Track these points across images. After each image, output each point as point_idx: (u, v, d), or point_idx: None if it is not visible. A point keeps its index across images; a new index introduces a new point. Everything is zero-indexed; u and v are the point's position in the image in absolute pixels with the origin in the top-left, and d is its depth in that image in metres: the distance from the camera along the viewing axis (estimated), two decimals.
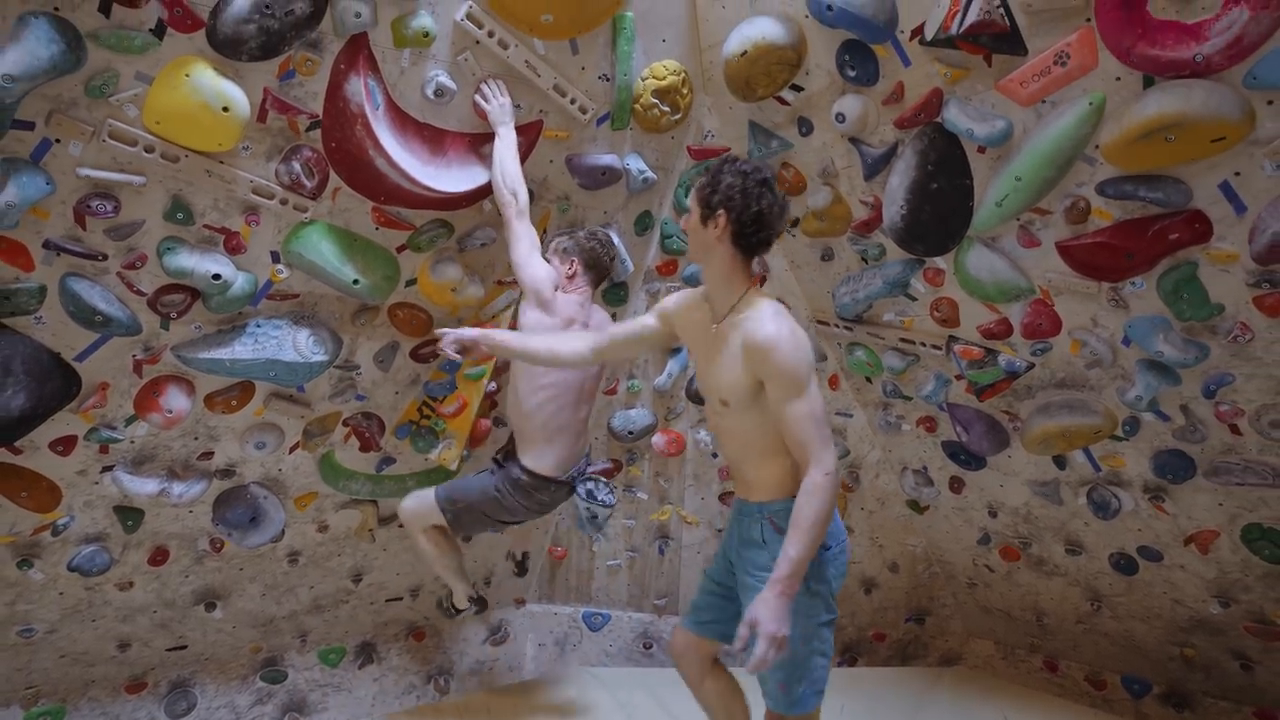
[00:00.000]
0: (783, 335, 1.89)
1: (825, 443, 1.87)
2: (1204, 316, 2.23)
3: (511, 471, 2.67)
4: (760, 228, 1.95)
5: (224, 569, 2.90)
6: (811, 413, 1.88)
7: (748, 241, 1.96)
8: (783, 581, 1.81)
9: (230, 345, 2.45)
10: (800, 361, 1.90)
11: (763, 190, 1.93)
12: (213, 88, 2.05)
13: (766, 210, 1.93)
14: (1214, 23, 1.84)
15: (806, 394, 1.89)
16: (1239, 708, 2.95)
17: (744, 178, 1.93)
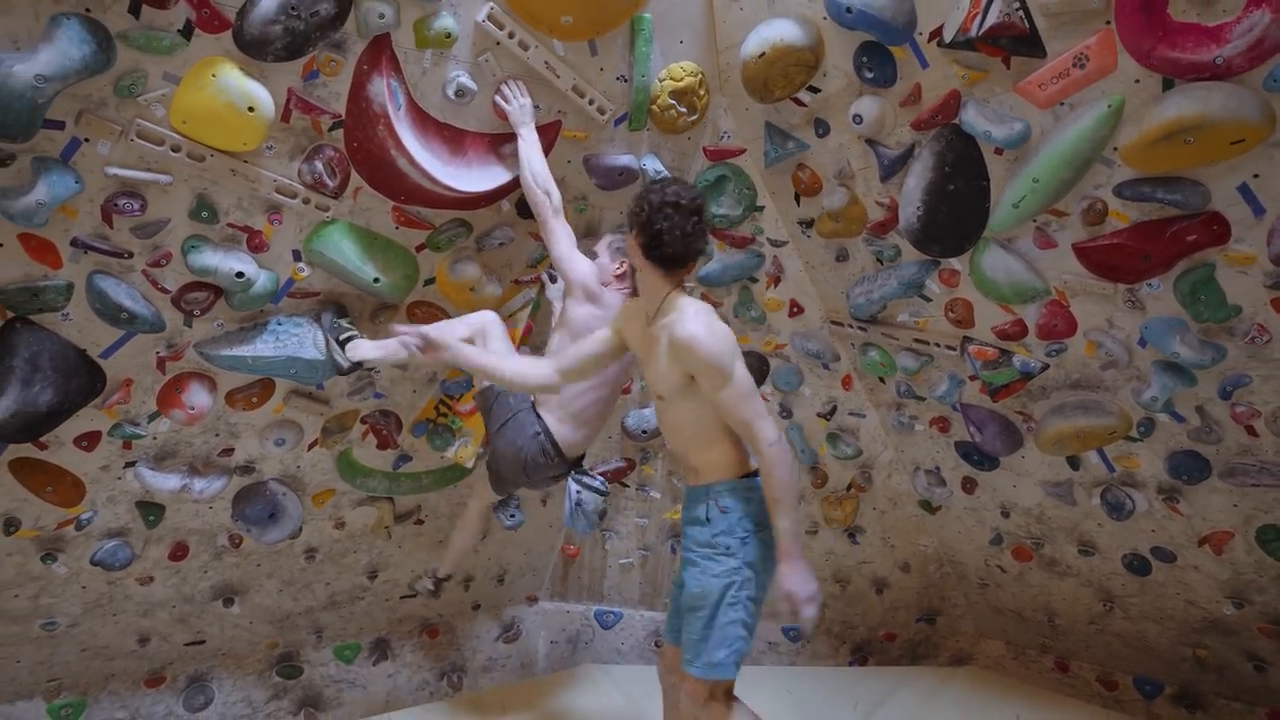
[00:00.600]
0: (700, 331, 2.05)
1: (761, 415, 2.05)
2: (1221, 318, 2.24)
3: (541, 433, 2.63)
4: (658, 246, 2.09)
5: (242, 565, 2.93)
6: (741, 394, 2.05)
7: (651, 256, 2.12)
8: (789, 551, 2.03)
9: (252, 343, 2.48)
10: (721, 352, 2.05)
11: (668, 213, 2.07)
12: (239, 88, 2.08)
13: (666, 232, 2.07)
14: (1235, 25, 1.85)
15: (733, 379, 2.05)
16: (1252, 709, 2.95)
17: (659, 196, 2.10)
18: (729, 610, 2.11)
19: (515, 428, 2.61)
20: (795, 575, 2.01)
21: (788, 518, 2.03)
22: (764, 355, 3.38)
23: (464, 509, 3.17)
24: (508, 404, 2.62)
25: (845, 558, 3.66)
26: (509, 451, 2.61)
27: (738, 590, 2.11)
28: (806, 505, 3.59)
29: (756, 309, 3.28)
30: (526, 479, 2.69)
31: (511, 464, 2.63)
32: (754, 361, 3.36)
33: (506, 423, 2.61)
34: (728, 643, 2.11)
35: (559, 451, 2.63)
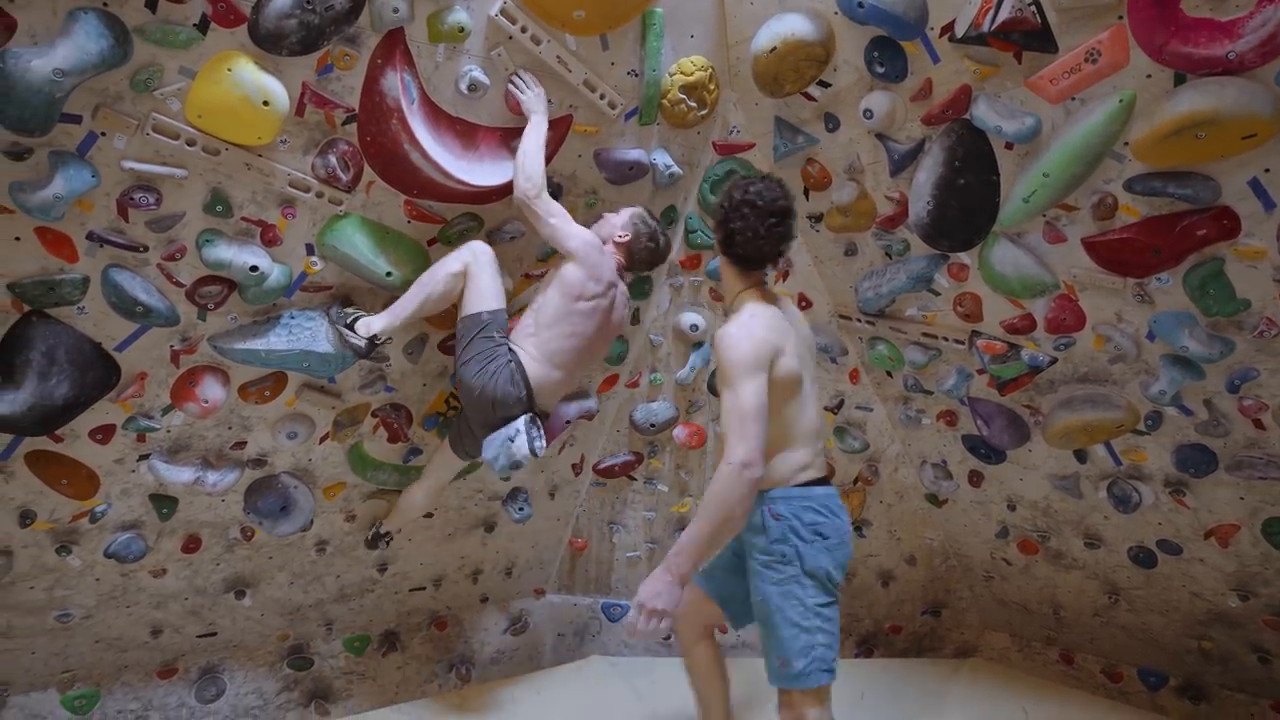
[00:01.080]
0: (728, 334, 2.07)
1: (741, 436, 1.97)
2: (1230, 312, 2.25)
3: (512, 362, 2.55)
4: (732, 244, 2.15)
5: (254, 557, 2.94)
6: (733, 408, 2.00)
7: (728, 253, 2.19)
8: (668, 560, 2.00)
9: (265, 336, 2.49)
10: (733, 359, 2.02)
11: (745, 212, 2.11)
12: (254, 82, 2.09)
13: (739, 231, 2.12)
14: (1247, 20, 1.86)
15: (734, 388, 2.01)
16: (1256, 701, 2.97)
17: (740, 193, 2.13)
18: (792, 621, 2.08)
19: (488, 359, 2.51)
20: (649, 583, 1.99)
21: (692, 531, 1.99)
22: None
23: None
24: (491, 337, 2.54)
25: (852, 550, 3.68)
26: (476, 384, 2.50)
27: (798, 598, 2.09)
28: None
29: None
30: (492, 414, 2.54)
31: (478, 399, 2.53)
32: None
33: (481, 352, 2.52)
34: (803, 652, 2.08)
35: (528, 385, 2.54)
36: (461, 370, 2.54)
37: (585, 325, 2.62)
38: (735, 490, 1.95)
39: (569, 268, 2.58)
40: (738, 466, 1.95)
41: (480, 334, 2.53)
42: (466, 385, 2.54)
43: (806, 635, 2.08)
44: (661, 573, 1.98)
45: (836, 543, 2.15)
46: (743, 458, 1.95)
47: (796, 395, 2.14)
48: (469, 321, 2.55)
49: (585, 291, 2.58)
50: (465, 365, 2.53)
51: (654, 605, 1.95)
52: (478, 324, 2.53)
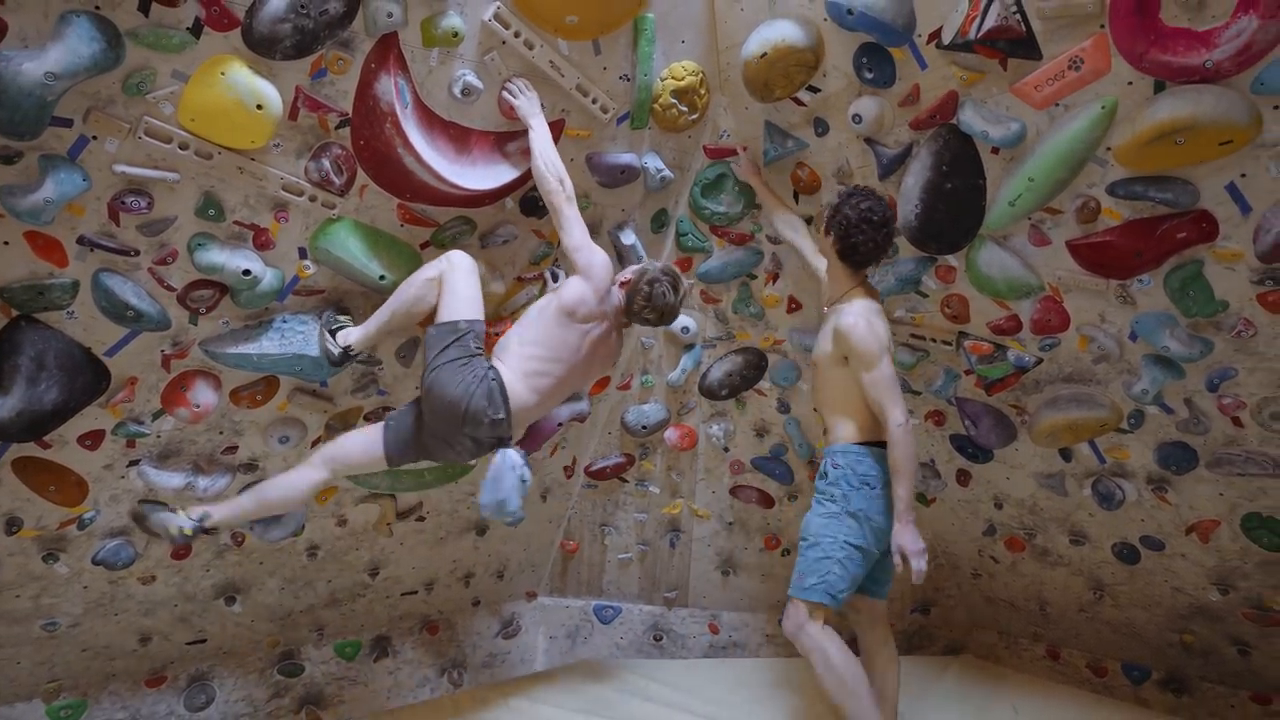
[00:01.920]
0: (857, 324, 2.48)
1: (895, 400, 2.44)
2: (1209, 313, 2.31)
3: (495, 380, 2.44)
4: (855, 255, 2.56)
5: (244, 563, 2.93)
6: (882, 379, 2.46)
7: (847, 261, 2.59)
8: (903, 514, 2.42)
9: (257, 340, 2.48)
10: (871, 343, 2.47)
11: (865, 229, 2.49)
12: (248, 86, 2.08)
13: (862, 245, 2.52)
14: (1224, 30, 1.92)
15: (878, 365, 2.46)
16: (1235, 692, 3.04)
17: (857, 212, 2.50)
18: (824, 545, 2.50)
19: (464, 368, 2.38)
20: (905, 533, 2.39)
21: (903, 486, 2.41)
22: (762, 351, 3.43)
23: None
24: (467, 346, 2.41)
25: None
26: (448, 394, 2.37)
27: (835, 530, 2.50)
28: (804, 498, 3.64)
29: (755, 305, 3.32)
30: (459, 428, 2.42)
31: (447, 409, 2.39)
32: (752, 357, 3.41)
33: (455, 360, 2.38)
34: (818, 572, 2.49)
35: (507, 406, 2.44)
36: (431, 377, 2.40)
37: (570, 350, 2.55)
38: (913, 440, 2.45)
39: (572, 281, 2.54)
40: (907, 424, 2.42)
41: (456, 342, 2.41)
42: (437, 394, 2.39)
43: (826, 561, 2.49)
44: (905, 525, 2.40)
45: (879, 493, 2.51)
46: (905, 416, 2.42)
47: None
48: (444, 328, 2.42)
49: (581, 309, 2.52)
50: (436, 372, 2.39)
51: (921, 545, 2.40)
52: (454, 331, 2.41)
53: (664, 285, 2.57)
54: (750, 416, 3.55)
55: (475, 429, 2.43)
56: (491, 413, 2.41)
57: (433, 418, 2.47)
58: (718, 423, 3.56)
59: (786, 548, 3.73)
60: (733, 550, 3.77)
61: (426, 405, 2.46)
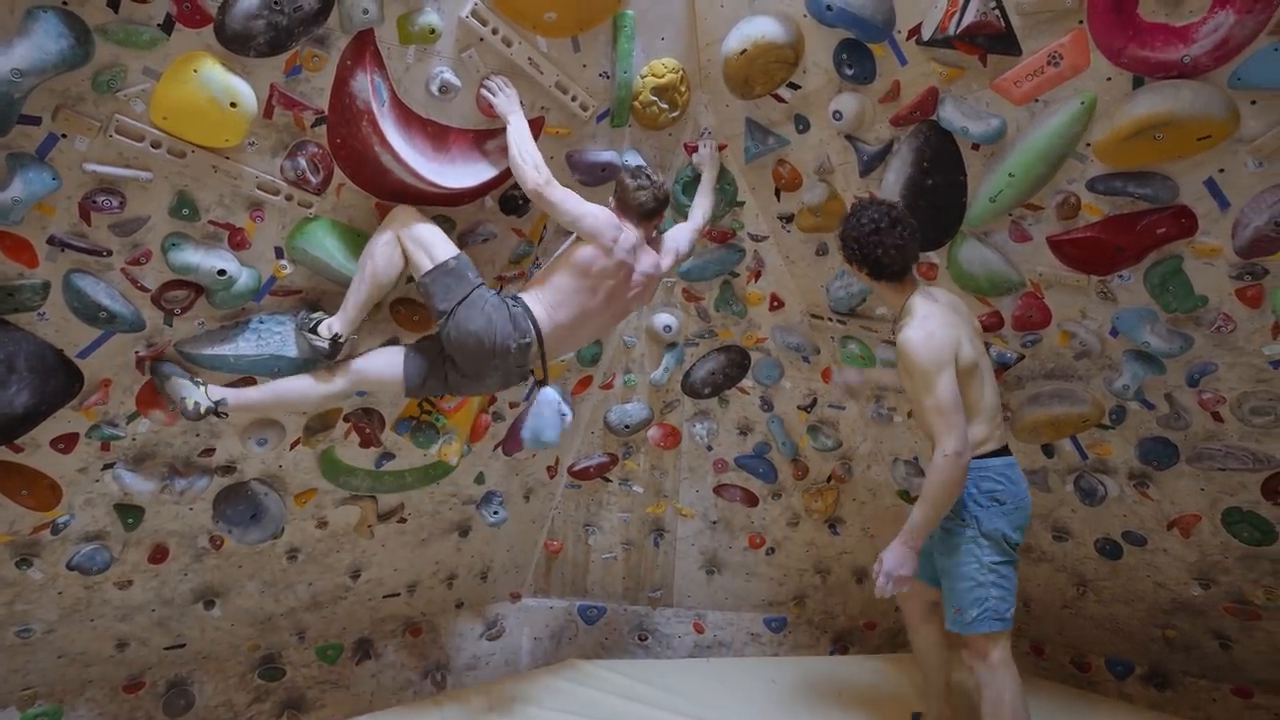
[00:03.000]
0: (911, 339, 2.29)
1: (948, 428, 2.25)
2: (1189, 308, 2.32)
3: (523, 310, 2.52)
4: (883, 267, 2.37)
5: (223, 566, 2.89)
6: (935, 405, 2.27)
7: (881, 277, 2.41)
8: (903, 535, 2.33)
9: (234, 341, 2.45)
10: (925, 361, 2.26)
11: (877, 240, 2.33)
12: (221, 83, 2.05)
13: (884, 255, 2.34)
14: (1201, 25, 1.92)
15: (932, 389, 2.26)
16: (1218, 685, 3.06)
17: (861, 230, 2.35)
18: (968, 573, 2.38)
19: (481, 303, 2.41)
20: (894, 552, 2.33)
21: (921, 513, 2.31)
22: (745, 349, 3.42)
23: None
24: (466, 278, 2.43)
25: (826, 548, 3.72)
26: (468, 330, 2.39)
27: (975, 555, 2.37)
28: (788, 497, 3.64)
29: (738, 303, 3.31)
30: (489, 360, 2.45)
31: (474, 346, 2.41)
32: (735, 355, 3.40)
33: (464, 298, 2.40)
34: (977, 602, 2.37)
35: (536, 328, 2.49)
36: (450, 324, 2.41)
37: (591, 300, 2.60)
38: (955, 475, 2.26)
39: (583, 249, 2.56)
40: (954, 456, 2.24)
41: (455, 279, 2.42)
42: (460, 335, 2.41)
43: (980, 589, 2.37)
44: (900, 545, 2.32)
45: (1013, 507, 2.39)
46: (956, 447, 2.24)
47: (974, 376, 2.36)
48: (436, 273, 2.41)
49: (594, 267, 2.55)
50: (452, 316, 2.40)
51: (901, 572, 2.32)
52: (446, 272, 2.41)
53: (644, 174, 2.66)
54: (733, 415, 3.54)
55: (504, 359, 2.47)
56: (518, 337, 2.46)
57: (461, 357, 2.49)
58: (701, 421, 3.55)
59: (771, 546, 3.72)
60: (717, 549, 3.76)
61: (452, 348, 2.48)
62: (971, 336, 2.41)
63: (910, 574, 2.33)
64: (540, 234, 2.96)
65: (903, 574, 2.32)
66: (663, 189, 2.68)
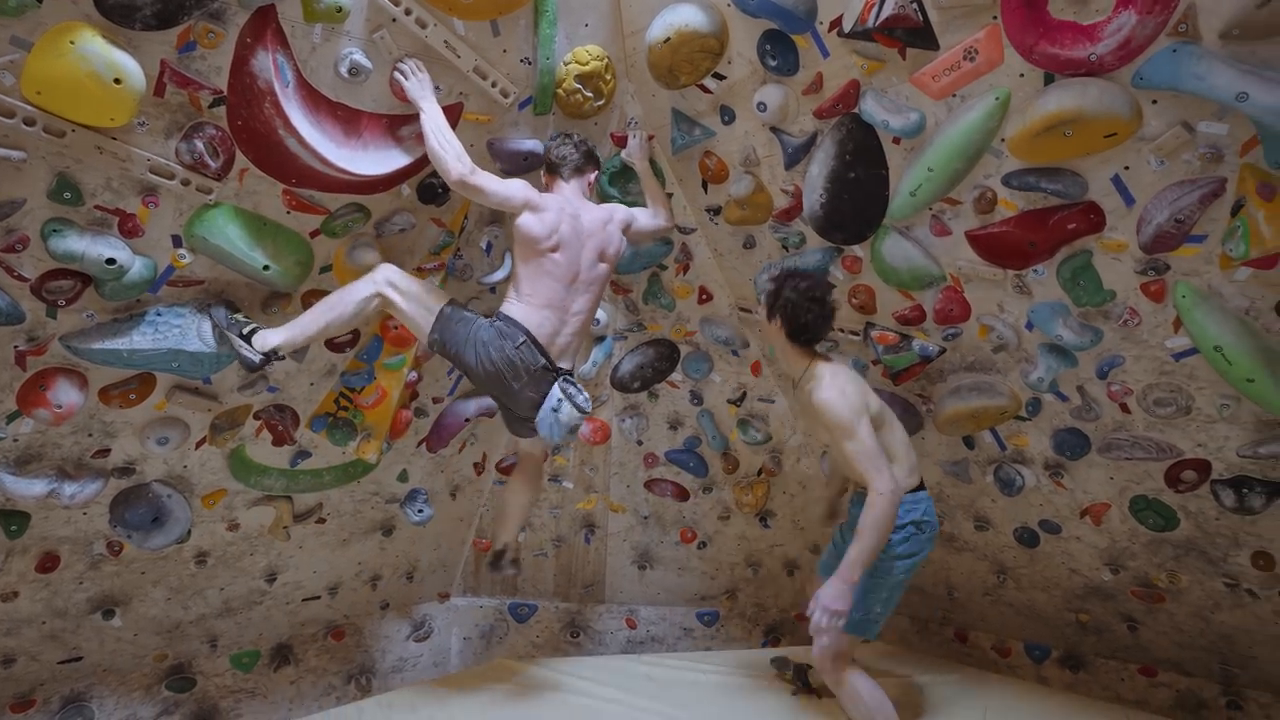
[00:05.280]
0: (826, 397, 2.45)
1: (876, 470, 2.39)
2: (1098, 302, 2.37)
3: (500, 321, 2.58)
4: (806, 332, 2.56)
5: (123, 573, 2.73)
6: (860, 450, 2.41)
7: (797, 340, 2.58)
8: (844, 571, 2.38)
9: (127, 335, 2.30)
10: (843, 414, 2.42)
11: (811, 306, 2.52)
12: (103, 57, 1.91)
13: (812, 323, 2.54)
14: (1106, 25, 1.95)
15: (854, 436, 2.42)
16: (1126, 666, 3.17)
17: (799, 294, 2.52)
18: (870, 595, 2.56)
19: (474, 339, 2.53)
20: (831, 587, 2.39)
21: (858, 549, 2.38)
22: (674, 342, 3.39)
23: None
24: (463, 318, 2.56)
25: (757, 541, 3.73)
26: (480, 370, 2.54)
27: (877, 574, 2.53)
28: (719, 491, 3.64)
29: (666, 296, 3.28)
30: (518, 384, 2.55)
31: (492, 376, 2.54)
32: (664, 349, 3.37)
33: (464, 338, 2.53)
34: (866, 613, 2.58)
35: (540, 348, 2.56)
36: (466, 371, 2.60)
37: (561, 266, 2.61)
38: (891, 512, 2.38)
39: (519, 220, 2.57)
40: (889, 494, 2.37)
41: (456, 322, 2.53)
42: (476, 377, 2.59)
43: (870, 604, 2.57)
44: (838, 580, 2.38)
45: (928, 538, 2.60)
46: (889, 485, 2.38)
47: (885, 424, 2.57)
48: (439, 325, 2.54)
49: (538, 231, 2.56)
50: (464, 362, 2.55)
51: (837, 606, 2.38)
52: (446, 319, 2.54)
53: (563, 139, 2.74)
54: (663, 409, 3.51)
55: (517, 375, 2.54)
56: (512, 347, 2.53)
57: (489, 390, 2.68)
58: (630, 416, 3.51)
59: (702, 541, 3.71)
60: (649, 544, 3.73)
61: (483, 390, 2.74)
62: (870, 391, 2.61)
63: (846, 609, 2.39)
64: (461, 224, 2.87)
65: (839, 608, 2.38)
66: (583, 141, 2.73)
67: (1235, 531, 2.54)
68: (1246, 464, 2.39)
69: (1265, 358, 2.14)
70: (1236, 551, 2.58)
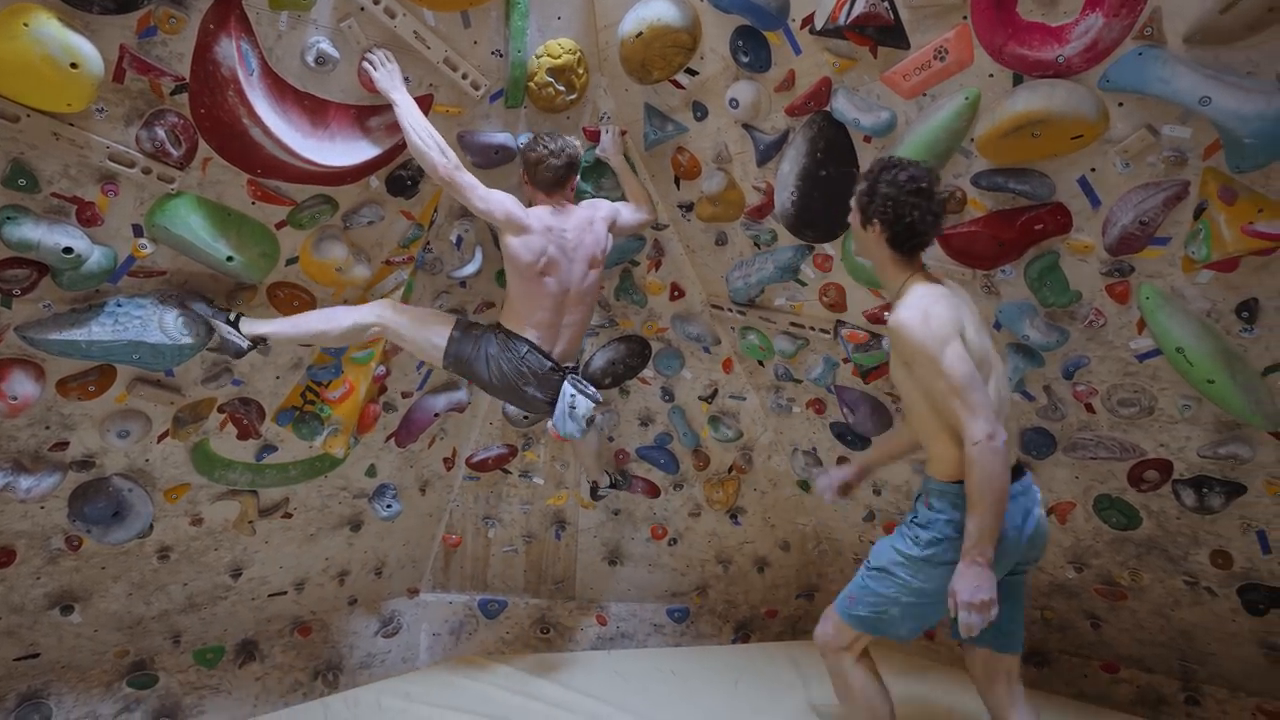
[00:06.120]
0: (909, 317, 1.95)
1: (972, 412, 1.89)
2: (1064, 303, 2.39)
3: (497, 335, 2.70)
4: (912, 235, 2.06)
5: (83, 569, 2.68)
6: (948, 386, 1.91)
7: (902, 247, 2.08)
8: (969, 552, 1.91)
9: (86, 326, 2.26)
10: (926, 340, 1.92)
11: (916, 201, 2.01)
12: (58, 40, 1.86)
13: (918, 222, 2.03)
14: (1074, 26, 1.96)
15: (940, 369, 1.91)
16: (1088, 662, 3.21)
17: (899, 189, 2.01)
18: (879, 577, 2.11)
19: (485, 351, 2.65)
20: (963, 576, 1.91)
21: (975, 520, 1.91)
22: (645, 339, 3.38)
23: None
24: (472, 338, 2.67)
25: (728, 538, 3.74)
26: (496, 373, 2.65)
27: (913, 577, 2.05)
28: (690, 488, 3.64)
29: (638, 292, 3.27)
30: (530, 388, 2.67)
31: (506, 384, 2.67)
32: (635, 345, 3.36)
33: (474, 357, 2.65)
34: (861, 601, 2.14)
35: (545, 354, 2.67)
36: (480, 384, 2.74)
37: (551, 287, 2.66)
38: (996, 464, 1.88)
39: (506, 240, 2.61)
40: (985, 442, 1.87)
41: (466, 342, 2.64)
42: (490, 388, 2.74)
43: (872, 596, 2.12)
44: (967, 566, 1.91)
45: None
46: (985, 431, 1.87)
47: (989, 375, 2.02)
48: (452, 349, 2.64)
49: (526, 257, 2.61)
50: (478, 375, 2.68)
51: (981, 597, 1.90)
52: (456, 341, 2.64)
53: (541, 143, 2.67)
54: (634, 405, 3.51)
55: (527, 380, 2.67)
56: (538, 368, 2.66)
57: (509, 396, 2.77)
58: (601, 412, 3.50)
59: (673, 537, 3.71)
60: (619, 540, 3.73)
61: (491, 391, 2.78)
62: (979, 326, 2.09)
63: (991, 596, 1.90)
64: (431, 217, 2.84)
65: (983, 598, 1.90)
66: (563, 152, 2.68)
67: (1195, 530, 2.57)
68: (1206, 464, 2.42)
69: (1225, 360, 2.17)
70: (1196, 550, 2.61)
